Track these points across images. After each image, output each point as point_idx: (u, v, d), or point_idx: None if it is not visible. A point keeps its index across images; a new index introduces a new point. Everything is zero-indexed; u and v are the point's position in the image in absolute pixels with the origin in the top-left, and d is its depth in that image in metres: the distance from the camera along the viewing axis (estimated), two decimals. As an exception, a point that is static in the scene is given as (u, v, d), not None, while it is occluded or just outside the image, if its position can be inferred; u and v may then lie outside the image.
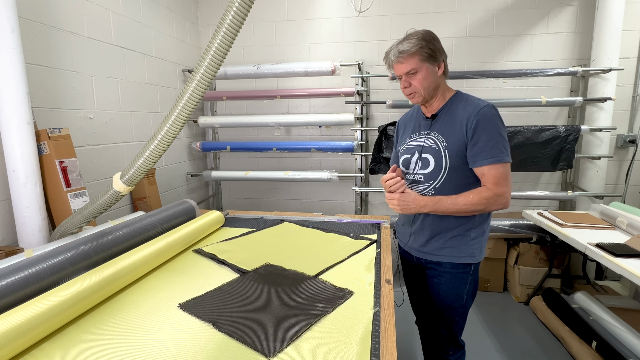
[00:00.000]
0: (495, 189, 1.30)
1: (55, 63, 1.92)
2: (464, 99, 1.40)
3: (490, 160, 1.30)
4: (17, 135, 1.54)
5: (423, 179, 1.43)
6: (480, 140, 1.31)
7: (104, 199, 1.34)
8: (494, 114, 1.32)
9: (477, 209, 1.31)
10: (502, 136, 1.32)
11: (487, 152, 1.30)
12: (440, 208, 1.33)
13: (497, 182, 1.30)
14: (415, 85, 1.36)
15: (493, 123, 1.31)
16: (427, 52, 1.32)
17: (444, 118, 1.40)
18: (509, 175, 1.32)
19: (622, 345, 1.99)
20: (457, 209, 1.32)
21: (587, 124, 2.92)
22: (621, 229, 2.20)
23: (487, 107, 1.33)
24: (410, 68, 1.33)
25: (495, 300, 2.94)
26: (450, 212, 1.33)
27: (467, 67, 3.14)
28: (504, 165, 1.31)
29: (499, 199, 1.30)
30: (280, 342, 0.91)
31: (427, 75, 1.34)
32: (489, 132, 1.30)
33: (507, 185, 1.31)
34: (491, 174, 1.30)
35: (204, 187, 3.63)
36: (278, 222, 1.95)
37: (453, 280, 1.45)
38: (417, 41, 1.31)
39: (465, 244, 1.41)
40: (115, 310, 1.09)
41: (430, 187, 1.41)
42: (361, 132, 3.26)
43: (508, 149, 1.33)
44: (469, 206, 1.31)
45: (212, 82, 2.97)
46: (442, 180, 1.39)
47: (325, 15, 3.28)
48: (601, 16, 2.75)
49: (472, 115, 1.32)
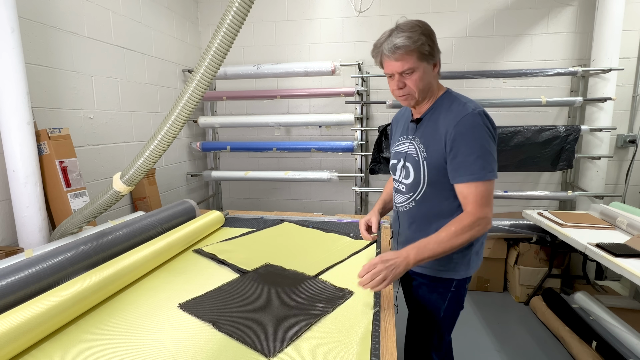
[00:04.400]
0: (477, 211, 1.12)
1: (55, 63, 1.92)
2: (450, 101, 1.22)
3: (469, 178, 1.13)
4: (17, 135, 1.54)
5: (404, 189, 1.31)
6: (459, 154, 1.14)
7: (104, 199, 1.34)
8: (478, 123, 1.13)
9: (464, 240, 1.12)
10: (486, 149, 1.13)
11: (466, 168, 1.13)
12: (425, 253, 1.11)
13: (478, 203, 1.12)
14: (410, 87, 1.18)
15: (475, 134, 1.13)
16: (427, 49, 1.14)
17: (427, 124, 1.24)
18: (492, 194, 1.15)
19: (622, 345, 1.99)
20: (444, 248, 1.11)
21: (587, 124, 2.92)
22: (621, 229, 2.20)
23: (471, 114, 1.14)
24: (407, 67, 1.14)
25: (495, 300, 2.94)
26: (438, 253, 1.12)
27: (467, 67, 3.14)
28: (486, 183, 1.12)
29: (482, 222, 1.13)
30: (280, 342, 0.91)
31: (424, 75, 1.17)
32: (469, 145, 1.12)
33: (489, 205, 1.14)
34: (471, 194, 1.13)
35: (204, 187, 3.63)
36: (278, 222, 1.95)
37: (429, 293, 1.32)
38: (417, 36, 1.12)
39: (448, 258, 1.24)
40: (115, 310, 1.09)
41: (410, 199, 1.29)
42: (361, 132, 3.26)
43: (492, 164, 1.14)
44: (454, 239, 1.11)
45: (212, 82, 2.97)
46: (421, 194, 1.26)
47: (325, 15, 3.28)
48: (601, 16, 2.75)
49: (452, 125, 1.15)
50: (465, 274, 1.28)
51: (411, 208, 1.29)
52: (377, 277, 1.05)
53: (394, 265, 1.08)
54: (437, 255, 1.13)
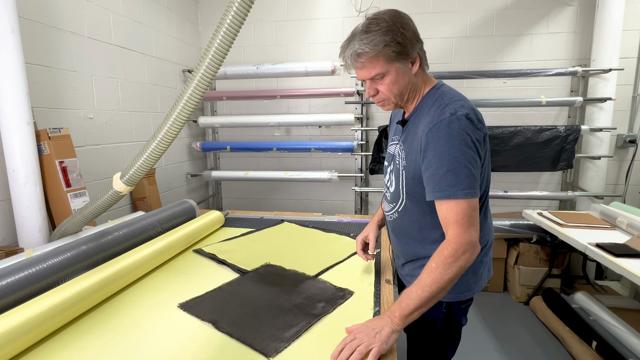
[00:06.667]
0: (457, 236, 0.93)
1: (55, 63, 1.92)
2: (432, 101, 1.04)
3: (438, 195, 0.96)
4: (17, 135, 1.54)
5: (389, 197, 1.18)
6: (430, 167, 0.97)
7: (104, 199, 1.34)
8: (454, 130, 0.94)
9: (452, 274, 0.91)
10: (459, 162, 0.93)
11: (436, 183, 0.96)
12: (411, 305, 0.90)
13: (458, 224, 0.94)
14: (384, 93, 1.04)
15: (448, 143, 0.94)
16: (395, 49, 0.97)
17: (410, 128, 1.09)
18: (473, 214, 0.95)
19: (622, 345, 1.99)
20: (431, 291, 0.91)
21: (587, 124, 2.92)
22: (621, 229, 2.20)
23: (447, 120, 0.95)
24: (374, 73, 1.00)
25: (495, 300, 2.94)
26: (426, 298, 0.91)
27: (467, 67, 3.14)
28: (461, 202, 0.93)
29: (468, 248, 0.93)
30: (280, 342, 0.91)
31: (398, 78, 1.01)
32: (439, 156, 0.95)
33: (471, 225, 0.94)
34: (449, 215, 0.95)
35: (204, 187, 3.63)
36: (278, 222, 1.95)
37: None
38: (379, 38, 0.96)
39: None
40: (115, 310, 1.09)
41: (394, 209, 1.16)
42: (361, 132, 3.26)
43: (466, 180, 0.93)
44: (439, 278, 0.91)
45: (212, 82, 2.97)
46: (402, 205, 1.12)
47: (325, 15, 3.28)
48: (601, 16, 2.75)
49: (426, 131, 0.98)
50: (458, 297, 1.11)
51: (395, 219, 1.17)
52: (360, 347, 0.84)
53: (376, 330, 0.88)
54: (428, 301, 0.91)
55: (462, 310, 1.16)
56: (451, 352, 1.24)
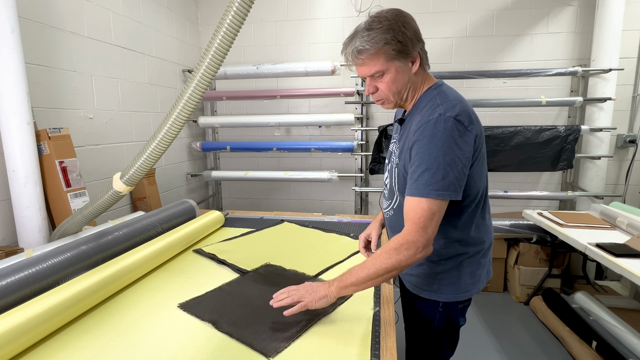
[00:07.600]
0: (407, 233, 0.95)
1: (55, 63, 1.92)
2: (427, 101, 1.05)
3: (410, 192, 0.98)
4: (17, 135, 1.54)
5: (387, 194, 1.20)
6: (412, 164, 1.00)
7: (104, 199, 1.34)
8: (439, 131, 0.95)
9: (391, 264, 0.95)
10: (438, 162, 0.94)
11: (413, 181, 0.98)
12: (349, 279, 0.98)
13: (413, 223, 0.95)
14: (383, 91, 1.06)
15: (432, 143, 0.95)
16: (395, 47, 0.98)
17: (406, 126, 1.10)
18: (434, 217, 0.95)
19: (622, 345, 1.99)
20: (368, 273, 0.96)
21: (587, 124, 2.92)
22: (621, 229, 2.20)
23: (435, 120, 0.96)
24: (374, 71, 1.02)
25: (495, 300, 2.94)
26: (362, 278, 0.97)
27: (467, 67, 3.14)
28: (426, 202, 0.94)
29: (411, 247, 0.94)
30: (280, 342, 0.91)
31: (397, 76, 1.02)
32: (422, 155, 0.96)
33: (424, 229, 0.94)
34: (410, 212, 0.97)
35: (204, 187, 3.63)
36: (278, 222, 1.95)
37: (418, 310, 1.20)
38: (380, 35, 0.97)
39: (430, 277, 1.13)
40: (115, 310, 1.09)
41: (390, 207, 1.18)
42: (361, 132, 3.26)
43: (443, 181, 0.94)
44: (378, 263, 0.96)
45: (212, 82, 2.97)
46: (397, 202, 1.13)
47: (325, 15, 3.28)
48: (601, 16, 2.75)
49: (415, 130, 1.00)
50: (455, 298, 1.12)
51: (391, 216, 1.19)
52: (292, 294, 0.99)
53: (313, 290, 1.00)
54: (364, 281, 0.97)
55: (459, 310, 1.17)
56: (449, 352, 1.25)
